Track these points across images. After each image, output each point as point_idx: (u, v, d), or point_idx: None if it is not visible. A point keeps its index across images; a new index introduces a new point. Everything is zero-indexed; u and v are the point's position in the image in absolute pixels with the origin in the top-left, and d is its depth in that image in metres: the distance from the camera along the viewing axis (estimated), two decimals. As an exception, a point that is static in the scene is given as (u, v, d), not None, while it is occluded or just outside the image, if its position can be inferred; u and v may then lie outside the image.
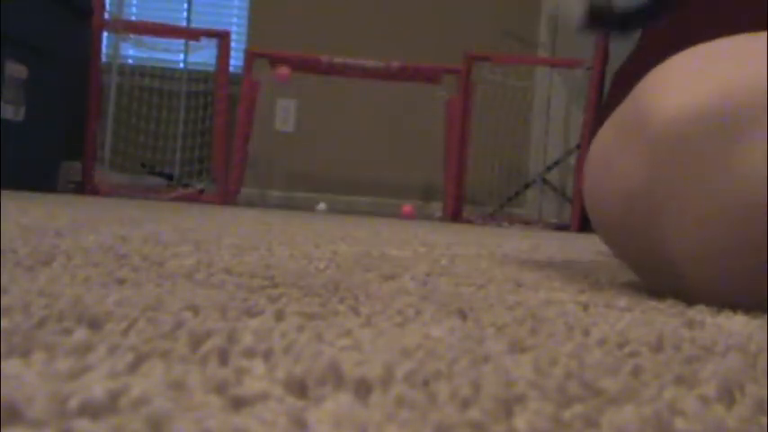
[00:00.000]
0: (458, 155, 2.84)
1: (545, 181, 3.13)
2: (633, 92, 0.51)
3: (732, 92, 0.43)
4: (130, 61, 3.46)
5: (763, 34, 0.47)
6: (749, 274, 0.44)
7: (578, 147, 2.86)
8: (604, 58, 2.82)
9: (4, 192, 1.91)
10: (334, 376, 0.22)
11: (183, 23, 3.42)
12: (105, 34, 2.87)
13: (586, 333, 0.33)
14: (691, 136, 0.44)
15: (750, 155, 0.42)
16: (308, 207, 3.06)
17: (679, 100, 0.45)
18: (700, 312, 0.43)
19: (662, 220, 0.45)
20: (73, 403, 0.17)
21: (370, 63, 2.82)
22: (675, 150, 0.44)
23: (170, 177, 3.12)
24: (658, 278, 0.50)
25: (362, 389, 0.21)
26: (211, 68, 3.04)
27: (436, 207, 3.11)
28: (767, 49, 0.45)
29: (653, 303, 0.46)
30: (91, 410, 0.17)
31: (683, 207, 0.44)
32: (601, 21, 0.73)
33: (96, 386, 0.18)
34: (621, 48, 0.64)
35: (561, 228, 2.76)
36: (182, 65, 3.41)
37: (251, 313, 0.32)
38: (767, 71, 0.43)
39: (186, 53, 3.37)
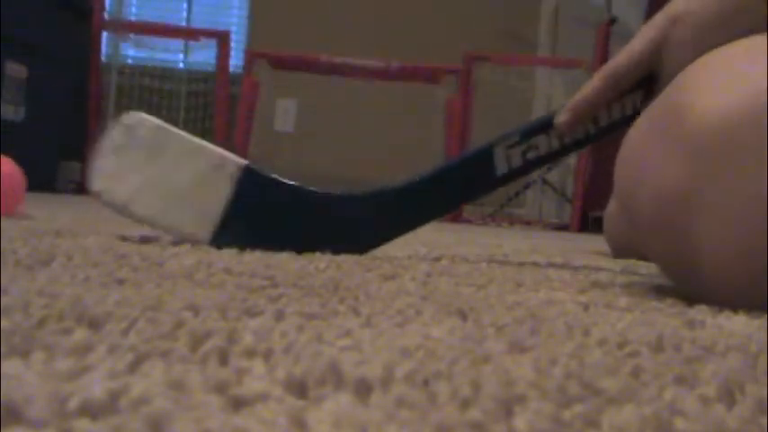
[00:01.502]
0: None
1: (545, 181, 3.13)
2: (668, 88, 0.49)
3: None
4: (130, 61, 3.46)
5: None
6: None
7: (578, 147, 2.86)
8: (604, 58, 2.82)
9: None
10: (335, 376, 0.22)
11: (183, 23, 3.42)
12: (105, 34, 2.87)
13: (586, 333, 0.33)
14: (727, 135, 0.43)
15: None
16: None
17: (716, 98, 0.44)
18: (700, 312, 0.43)
19: (695, 218, 0.44)
20: (73, 403, 0.17)
21: (370, 63, 2.82)
22: (712, 149, 0.43)
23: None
24: (687, 278, 0.48)
25: (362, 389, 0.21)
26: (211, 68, 3.04)
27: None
28: None
29: (653, 303, 0.46)
30: (91, 410, 0.17)
31: (716, 206, 0.43)
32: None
33: (96, 386, 0.18)
34: (621, 48, 0.64)
35: (561, 228, 2.76)
36: (182, 65, 3.41)
37: (251, 313, 0.32)
38: None
39: (186, 53, 3.37)
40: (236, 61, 3.03)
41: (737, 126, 0.43)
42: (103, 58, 2.94)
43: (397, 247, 0.78)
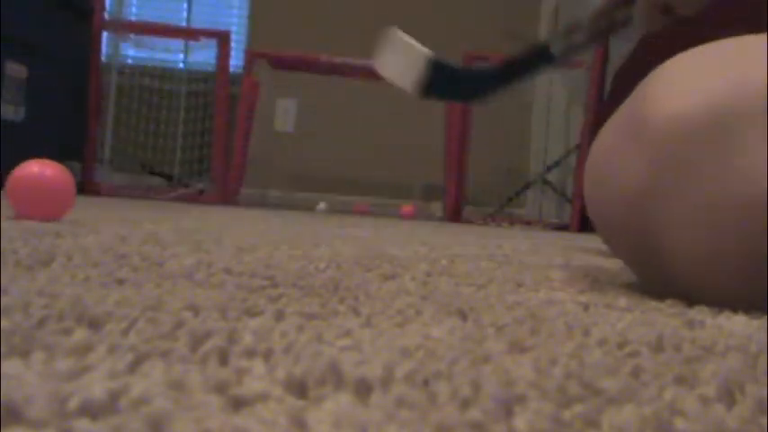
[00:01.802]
0: (458, 155, 2.84)
1: (545, 181, 3.13)
2: (633, 93, 0.51)
3: (731, 93, 0.44)
4: (130, 61, 3.46)
5: (762, 36, 0.47)
6: (746, 273, 0.44)
7: (578, 147, 2.86)
8: (604, 58, 2.82)
9: (4, 192, 1.91)
10: (335, 376, 0.22)
11: (183, 23, 3.42)
12: (105, 34, 2.87)
13: (586, 333, 0.33)
14: (689, 137, 0.44)
15: (748, 156, 0.42)
16: (309, 207, 3.06)
17: (678, 101, 0.45)
18: (700, 312, 0.43)
19: (661, 218, 0.45)
20: (73, 403, 0.17)
21: (371, 63, 2.81)
22: (675, 150, 0.45)
23: (170, 177, 3.12)
24: (657, 277, 0.50)
25: (362, 389, 0.21)
26: (211, 68, 3.04)
27: (436, 207, 3.11)
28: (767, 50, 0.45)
29: (653, 303, 0.46)
30: (91, 410, 0.17)
31: (681, 206, 0.44)
32: (442, 87, 0.80)
33: (96, 386, 0.18)
34: (621, 48, 0.64)
35: (561, 228, 2.76)
36: (182, 65, 3.41)
37: (251, 313, 0.32)
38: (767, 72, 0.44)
39: (186, 53, 3.37)
40: (236, 61, 3.03)
41: (696, 129, 0.44)
42: (103, 58, 2.94)
43: (397, 247, 0.78)
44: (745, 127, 0.43)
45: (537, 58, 0.79)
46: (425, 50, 0.81)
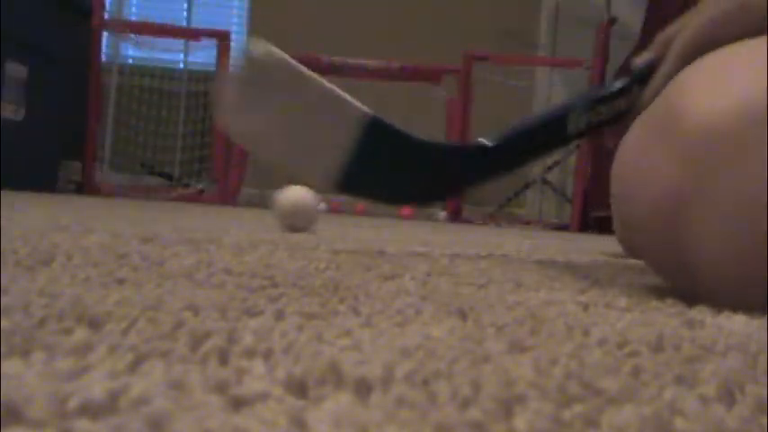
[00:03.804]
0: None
1: (545, 181, 3.13)
2: (663, 92, 0.50)
3: (763, 94, 0.43)
4: (130, 61, 3.46)
5: None
6: None
7: (578, 147, 2.86)
8: (604, 58, 2.82)
9: (4, 192, 1.91)
10: (335, 376, 0.22)
11: (183, 23, 3.42)
12: (105, 34, 2.87)
13: (586, 333, 0.33)
14: (723, 136, 0.43)
15: None
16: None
17: (710, 101, 0.44)
18: (700, 312, 0.43)
19: (690, 219, 0.44)
20: (73, 403, 0.17)
21: (370, 63, 2.82)
22: (705, 152, 0.44)
23: (170, 177, 3.12)
24: (683, 280, 0.49)
25: (362, 389, 0.21)
26: (211, 68, 3.04)
27: (436, 207, 3.11)
28: None
29: (653, 303, 0.46)
30: (91, 410, 0.17)
31: (710, 208, 0.43)
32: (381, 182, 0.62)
33: (96, 386, 0.18)
34: (621, 48, 0.64)
35: (561, 228, 2.76)
36: (182, 65, 3.41)
37: (251, 313, 0.32)
38: None
39: (186, 53, 3.37)
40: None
41: (730, 129, 0.43)
42: (103, 58, 2.94)
43: (397, 247, 0.78)
44: None
45: (548, 137, 0.69)
46: (345, 97, 0.59)
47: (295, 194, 0.86)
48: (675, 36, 0.59)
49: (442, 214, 2.93)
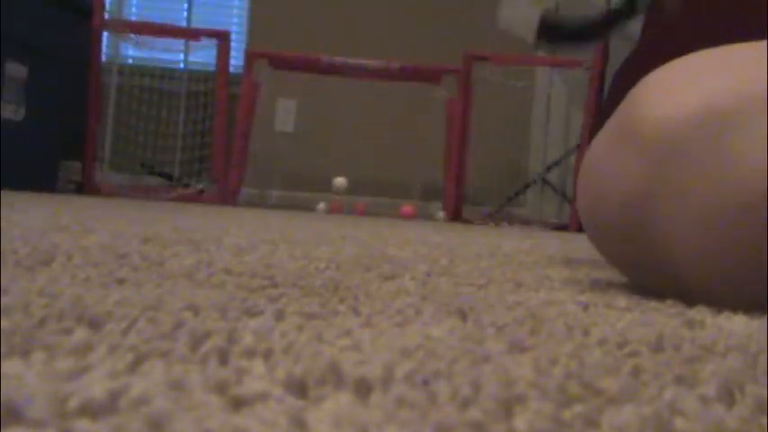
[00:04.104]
0: (458, 155, 2.84)
1: (545, 181, 3.13)
2: (626, 98, 0.52)
3: (719, 97, 0.45)
4: (130, 61, 3.46)
5: (755, 43, 0.48)
6: (746, 273, 0.44)
7: (578, 147, 2.86)
8: (604, 58, 2.82)
9: (4, 192, 1.91)
10: (335, 376, 0.22)
11: (183, 23, 3.42)
12: (105, 34, 2.87)
13: (586, 333, 0.33)
14: (681, 140, 0.45)
15: (745, 154, 0.43)
16: (308, 207, 3.06)
17: (669, 105, 0.46)
18: (700, 312, 0.43)
19: (658, 222, 0.46)
20: (73, 403, 0.17)
21: (370, 63, 2.81)
22: (668, 154, 0.45)
23: (170, 177, 3.12)
24: (655, 280, 0.50)
25: (362, 389, 0.21)
26: (211, 68, 3.04)
27: (436, 207, 3.11)
28: (763, 56, 0.46)
29: (653, 303, 0.46)
30: (91, 410, 0.17)
31: (677, 209, 0.45)
32: (555, 35, 0.82)
33: (96, 386, 0.18)
34: (621, 48, 0.64)
35: (561, 228, 2.76)
36: (182, 65, 3.41)
37: (251, 313, 0.32)
38: (754, 77, 0.44)
39: (186, 53, 3.37)
40: (236, 61, 3.03)
41: (690, 129, 0.45)
42: (103, 58, 2.94)
43: (397, 247, 0.78)
44: (742, 125, 0.43)
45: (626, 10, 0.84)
46: (537, 7, 0.82)
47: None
48: None
49: (442, 214, 2.93)
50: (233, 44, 2.89)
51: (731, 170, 0.43)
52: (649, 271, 0.50)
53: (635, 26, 0.78)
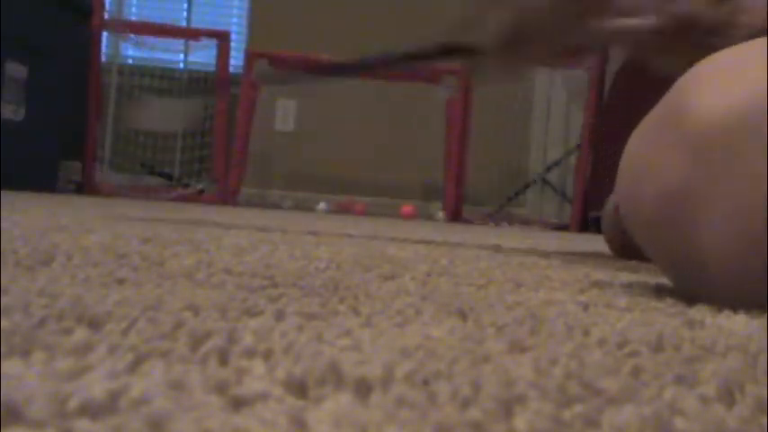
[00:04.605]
0: (458, 155, 2.84)
1: (545, 181, 3.13)
2: (672, 89, 0.50)
3: (765, 91, 0.43)
4: (130, 61, 3.46)
5: None
6: None
7: (578, 147, 2.86)
8: (604, 58, 2.82)
9: (4, 192, 1.91)
10: (335, 376, 0.22)
11: (183, 23, 3.42)
12: (105, 34, 2.87)
13: (586, 333, 0.33)
14: (727, 134, 0.44)
15: None
16: (308, 207, 3.06)
17: (716, 99, 0.45)
18: (700, 312, 0.43)
19: (698, 217, 0.45)
20: (73, 403, 0.17)
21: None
22: (712, 148, 0.44)
23: (170, 177, 3.12)
24: (689, 280, 0.49)
25: (362, 389, 0.21)
26: (211, 68, 3.04)
27: (436, 207, 3.11)
28: None
29: (653, 303, 0.46)
30: (91, 410, 0.17)
31: (717, 205, 0.44)
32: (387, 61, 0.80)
33: (96, 386, 0.18)
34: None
35: (561, 228, 2.76)
36: (182, 65, 3.41)
37: (251, 313, 0.32)
38: None
39: (186, 53, 3.37)
40: (236, 61, 3.03)
41: (736, 126, 0.43)
42: (103, 58, 2.94)
43: (397, 247, 0.78)
44: None
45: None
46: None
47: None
48: None
49: (442, 214, 2.93)
50: (233, 44, 2.89)
51: None
52: (683, 269, 0.49)
53: None
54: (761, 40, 0.48)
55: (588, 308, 0.42)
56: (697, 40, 0.62)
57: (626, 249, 1.03)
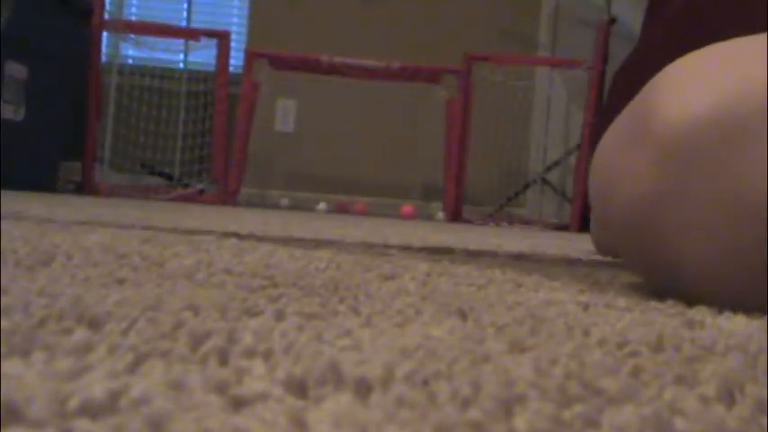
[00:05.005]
0: (458, 155, 2.84)
1: (545, 181, 3.13)
2: (639, 94, 0.50)
3: (740, 96, 0.43)
4: (130, 61, 3.46)
5: (764, 35, 0.47)
6: (754, 276, 0.43)
7: (578, 147, 2.86)
8: (604, 58, 2.82)
9: (4, 192, 1.91)
10: (335, 376, 0.22)
11: (183, 23, 3.42)
12: (105, 34, 2.87)
13: (586, 333, 0.33)
14: (697, 139, 0.44)
15: (757, 159, 0.42)
16: (308, 207, 3.06)
17: (686, 103, 0.45)
18: (700, 312, 0.43)
19: (669, 222, 0.45)
20: (73, 403, 0.17)
21: (370, 63, 2.82)
22: (682, 153, 0.44)
23: (170, 177, 3.12)
24: (664, 281, 0.49)
25: (362, 389, 0.21)
26: (211, 68, 3.04)
27: (436, 207, 3.11)
28: None
29: (653, 303, 0.46)
30: (91, 410, 0.17)
31: (689, 209, 0.44)
32: None
33: (96, 386, 0.18)
34: (621, 48, 0.64)
35: (561, 228, 2.76)
36: (182, 65, 3.41)
37: (251, 313, 0.32)
38: None
39: (186, 53, 3.37)
40: (236, 61, 3.03)
41: (701, 128, 0.43)
42: (103, 58, 2.94)
43: (398, 247, 0.78)
44: (756, 125, 0.42)
45: None
46: None
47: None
48: None
49: (442, 214, 2.93)
50: (233, 44, 2.89)
51: (742, 174, 0.42)
52: (657, 272, 0.49)
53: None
54: (732, 42, 0.48)
55: (588, 308, 0.42)
56: None
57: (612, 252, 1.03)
